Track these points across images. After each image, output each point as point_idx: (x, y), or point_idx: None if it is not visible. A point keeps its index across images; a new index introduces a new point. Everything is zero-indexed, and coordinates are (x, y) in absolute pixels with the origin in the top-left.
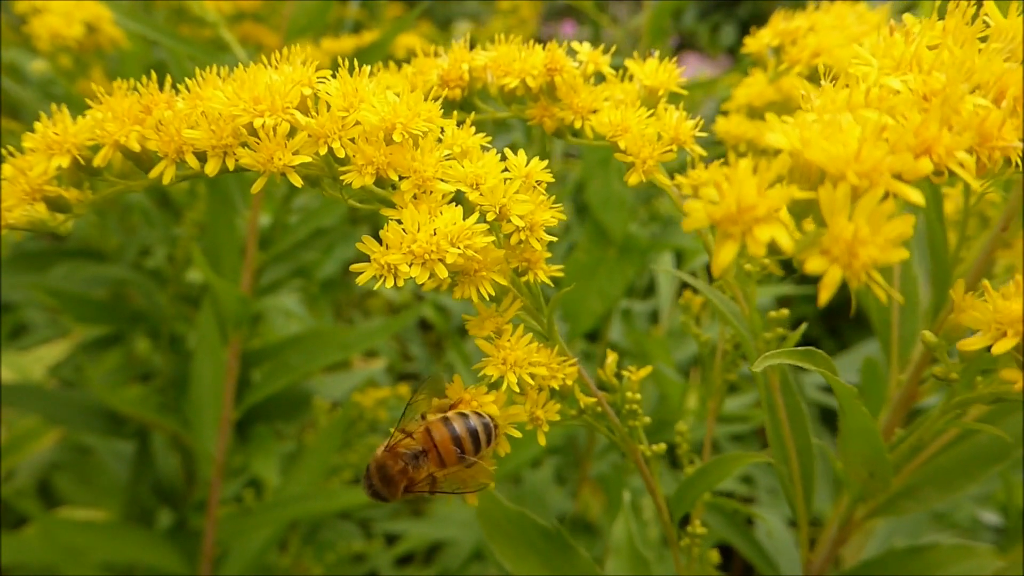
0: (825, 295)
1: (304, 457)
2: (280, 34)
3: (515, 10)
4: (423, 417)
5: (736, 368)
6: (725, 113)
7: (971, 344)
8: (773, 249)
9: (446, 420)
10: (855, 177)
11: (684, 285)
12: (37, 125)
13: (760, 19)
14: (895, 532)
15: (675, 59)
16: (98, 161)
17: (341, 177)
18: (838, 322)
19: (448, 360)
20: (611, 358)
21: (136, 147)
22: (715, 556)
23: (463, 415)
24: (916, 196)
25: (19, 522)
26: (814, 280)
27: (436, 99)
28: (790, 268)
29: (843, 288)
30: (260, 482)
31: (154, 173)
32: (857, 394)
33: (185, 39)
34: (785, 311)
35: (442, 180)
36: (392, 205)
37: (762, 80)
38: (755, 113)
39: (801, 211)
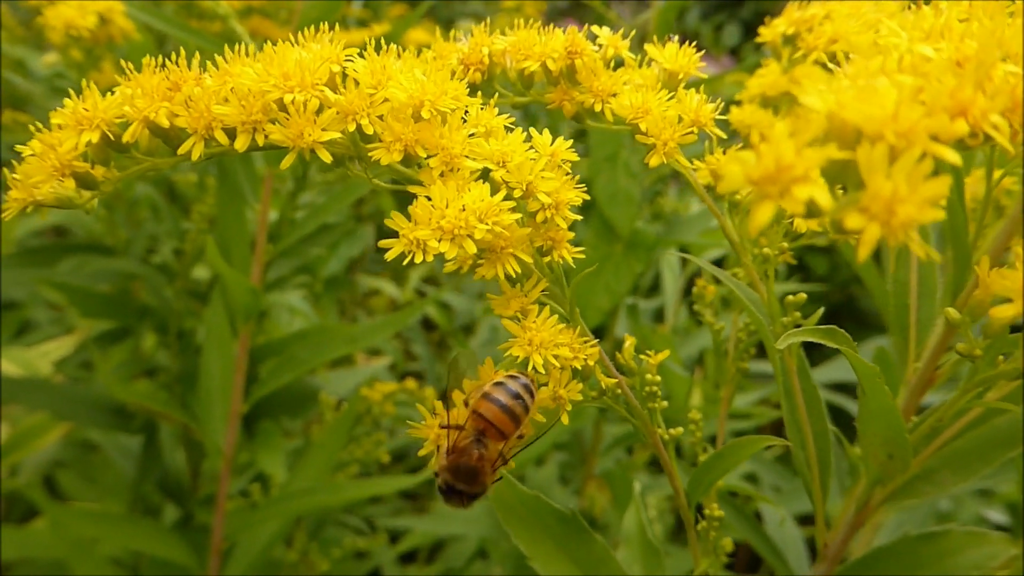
0: (864, 251)
1: (311, 452)
2: (290, 28)
3: (519, 9)
4: (466, 404)
5: (748, 356)
6: (739, 103)
7: (1003, 312)
8: (811, 210)
9: (488, 396)
10: (893, 137)
11: (690, 284)
12: (67, 101)
13: (763, 20)
14: (903, 526)
15: None
16: (127, 137)
17: (369, 154)
18: (841, 322)
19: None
20: (629, 342)
21: (165, 123)
22: (729, 544)
23: (500, 384)
24: (953, 156)
25: (23, 519)
26: (818, 279)
27: (460, 80)
28: (797, 269)
29: (843, 287)
30: (266, 478)
31: (183, 149)
32: (879, 373)
33: (196, 31)
34: (803, 295)
35: (469, 158)
36: (417, 184)
37: (776, 70)
38: (768, 103)
39: (835, 176)
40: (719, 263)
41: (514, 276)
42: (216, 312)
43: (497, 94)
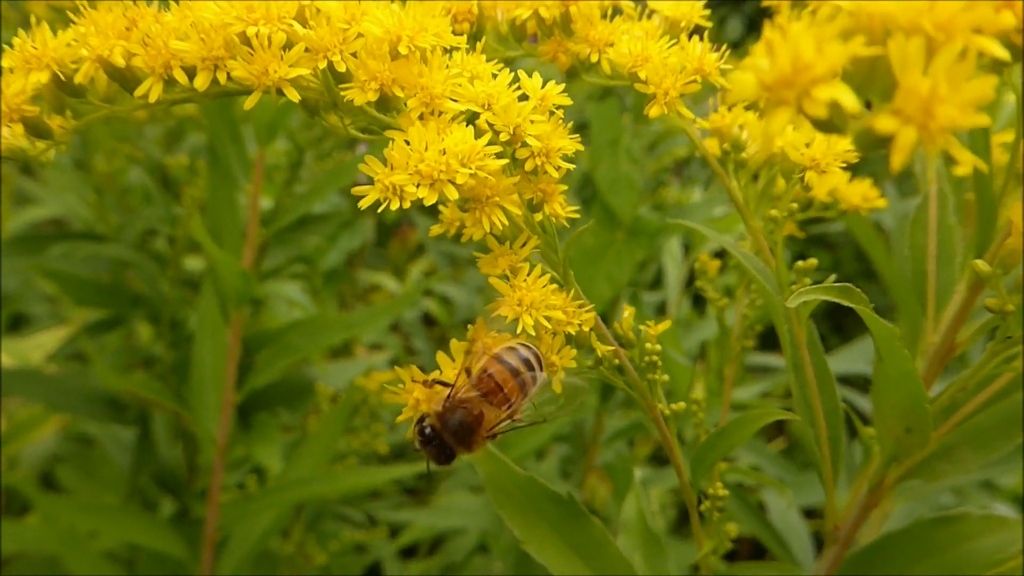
0: (898, 159)
1: (307, 444)
2: None
3: None
4: (467, 372)
5: (754, 334)
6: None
7: None
8: (834, 117)
9: (499, 358)
10: (931, 27)
11: (692, 276)
12: (15, 40)
13: (765, 14)
14: (911, 517)
15: None
16: (79, 78)
17: (342, 94)
18: (842, 316)
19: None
20: (628, 312)
21: (121, 62)
22: (733, 529)
23: (511, 348)
24: (1000, 51)
25: (21, 513)
26: (820, 272)
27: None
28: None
29: (846, 282)
30: (263, 471)
31: (140, 91)
32: (899, 335)
33: None
34: (814, 260)
35: (452, 99)
36: (396, 131)
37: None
38: None
39: (859, 83)
40: (720, 255)
41: (502, 230)
42: (208, 298)
43: (485, 41)
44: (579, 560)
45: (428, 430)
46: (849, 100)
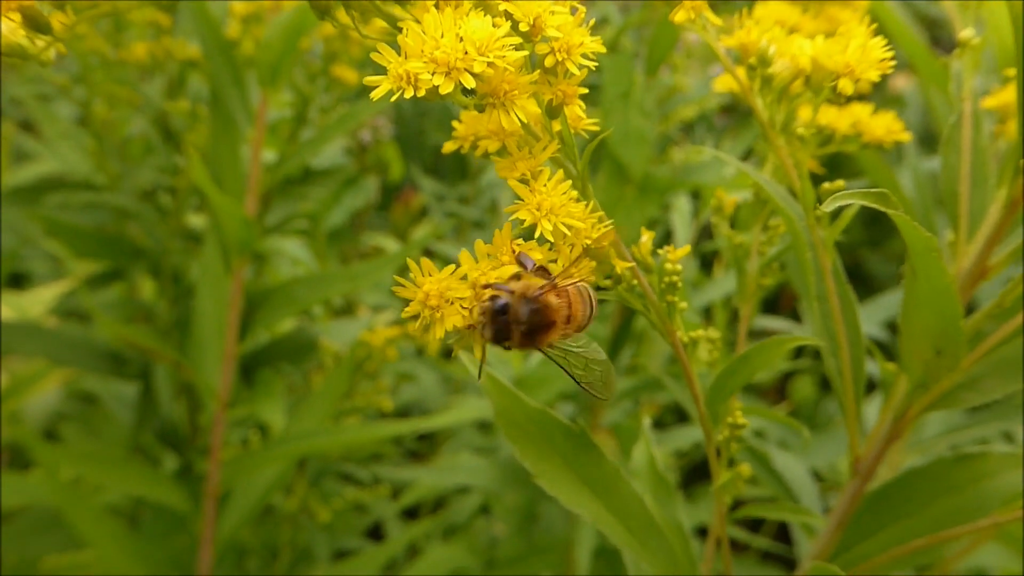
0: None
1: (310, 400)
2: None
3: None
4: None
5: (771, 272)
6: None
7: None
8: None
9: (579, 288)
10: None
11: (700, 238)
12: None
13: None
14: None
15: None
16: None
17: None
18: (855, 283)
19: None
20: (646, 236)
21: None
22: (746, 470)
23: (588, 287)
24: None
25: (25, 469)
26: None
27: None
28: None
29: (851, 251)
30: (265, 428)
31: None
32: (935, 246)
33: None
34: (841, 181)
35: None
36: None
37: None
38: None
39: None
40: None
41: (518, 140)
42: (210, 247)
43: None
44: (592, 494)
45: (503, 304)
46: None
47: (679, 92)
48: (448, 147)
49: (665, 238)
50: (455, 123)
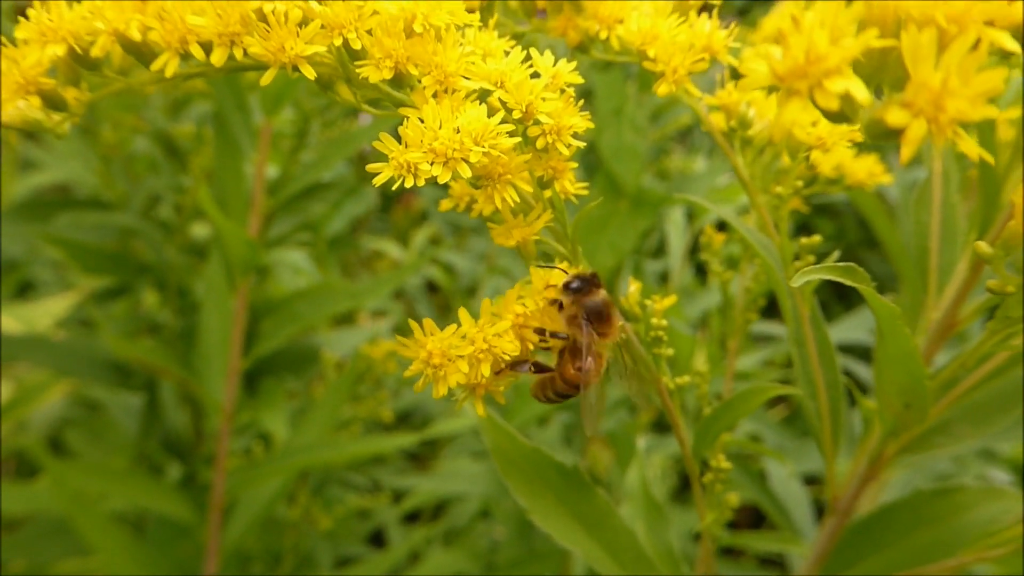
0: (908, 152)
1: (313, 411)
2: None
3: None
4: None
5: (757, 307)
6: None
7: None
8: (845, 108)
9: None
10: (944, 20)
11: (695, 244)
12: (31, 12)
13: None
14: (909, 486)
15: None
16: (96, 52)
17: (357, 70)
18: (846, 287)
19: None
20: (634, 287)
21: (137, 36)
22: (734, 499)
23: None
24: (1012, 44)
25: (31, 477)
26: (824, 240)
27: None
28: (803, 231)
29: (850, 251)
30: (269, 437)
31: (156, 65)
32: (900, 314)
33: None
34: (817, 237)
35: (465, 77)
36: (410, 108)
37: (793, 7)
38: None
39: (869, 74)
40: (723, 227)
41: (513, 206)
42: (214, 266)
43: (497, 17)
44: (583, 530)
45: (578, 283)
46: (861, 92)
47: (675, 104)
48: (445, 205)
49: (660, 246)
50: (451, 182)
